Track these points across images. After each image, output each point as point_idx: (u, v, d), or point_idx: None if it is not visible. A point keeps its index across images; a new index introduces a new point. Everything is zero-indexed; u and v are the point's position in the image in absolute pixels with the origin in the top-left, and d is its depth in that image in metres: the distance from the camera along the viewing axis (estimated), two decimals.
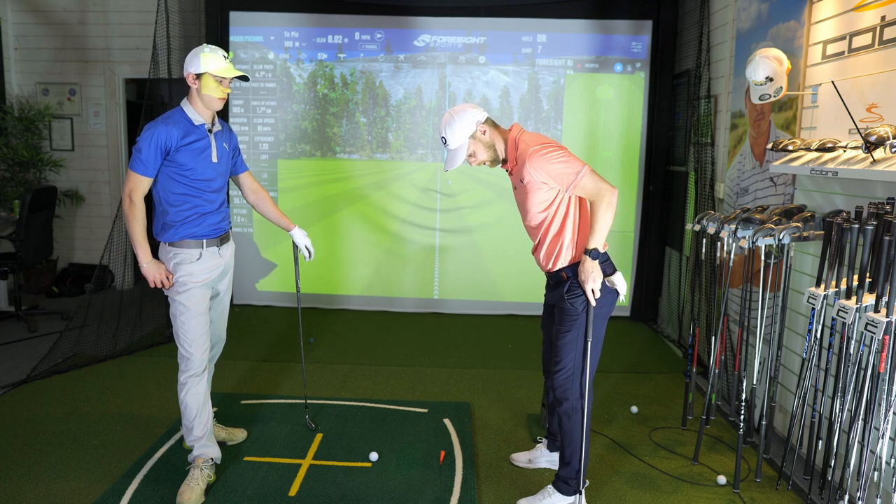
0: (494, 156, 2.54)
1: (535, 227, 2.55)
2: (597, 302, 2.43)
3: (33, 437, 3.09)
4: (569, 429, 2.53)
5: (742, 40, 3.78)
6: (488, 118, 2.52)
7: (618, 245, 5.41)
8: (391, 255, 5.59)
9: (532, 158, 2.38)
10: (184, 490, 2.57)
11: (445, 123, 2.49)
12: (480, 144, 2.50)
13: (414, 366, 4.27)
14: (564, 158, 2.39)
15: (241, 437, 3.12)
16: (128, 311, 4.77)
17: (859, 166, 2.44)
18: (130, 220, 2.59)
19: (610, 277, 2.48)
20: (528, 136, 2.48)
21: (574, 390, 2.50)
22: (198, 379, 2.67)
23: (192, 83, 2.59)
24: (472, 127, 2.47)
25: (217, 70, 2.57)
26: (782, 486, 2.81)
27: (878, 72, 2.52)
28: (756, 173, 3.56)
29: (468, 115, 2.47)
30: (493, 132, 2.52)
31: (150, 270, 2.62)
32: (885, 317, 2.12)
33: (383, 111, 5.48)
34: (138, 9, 5.71)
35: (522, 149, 2.44)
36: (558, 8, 5.26)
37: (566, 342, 2.49)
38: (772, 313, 2.92)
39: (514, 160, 2.49)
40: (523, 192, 2.50)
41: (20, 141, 5.75)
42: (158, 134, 2.52)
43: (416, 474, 2.85)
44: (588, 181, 2.37)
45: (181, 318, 2.64)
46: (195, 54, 2.58)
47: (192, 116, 2.61)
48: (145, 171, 2.55)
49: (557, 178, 2.38)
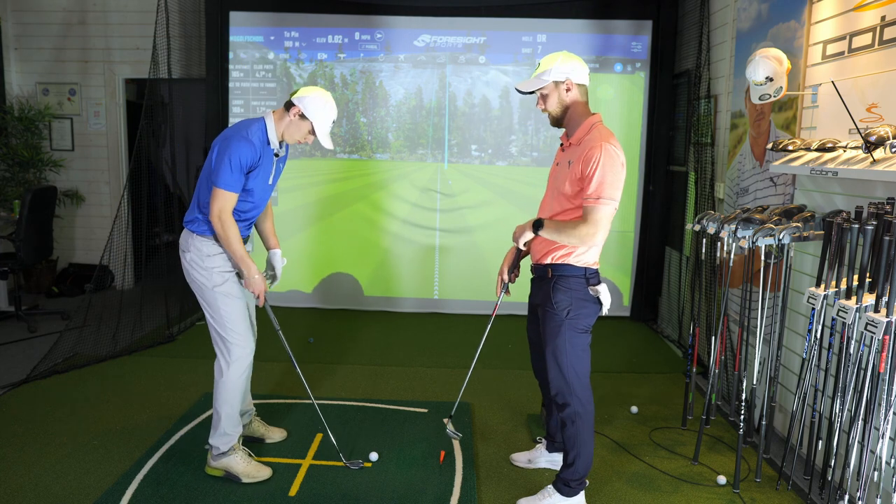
0: (559, 114, 2.49)
1: (555, 210, 2.50)
2: (578, 313, 2.44)
3: (33, 437, 3.09)
4: (572, 433, 2.50)
5: (742, 40, 3.78)
6: (585, 88, 2.48)
7: (618, 245, 5.41)
8: (391, 255, 5.59)
9: (598, 149, 2.30)
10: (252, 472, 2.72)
11: (553, 58, 2.45)
12: (556, 95, 2.45)
13: (414, 366, 4.27)
14: (617, 179, 2.33)
15: (279, 438, 3.13)
16: (128, 311, 4.77)
17: (859, 166, 2.43)
18: (231, 240, 2.58)
19: (595, 287, 2.45)
20: (609, 132, 2.42)
21: (573, 395, 2.47)
22: (245, 367, 2.71)
23: (294, 115, 2.63)
24: (563, 76, 2.42)
25: (321, 130, 2.65)
26: (782, 486, 2.81)
27: (878, 72, 2.52)
28: (756, 173, 3.56)
29: (570, 67, 2.43)
30: (577, 100, 2.46)
31: (260, 283, 2.66)
32: (885, 317, 2.12)
33: (383, 111, 5.48)
34: (138, 9, 5.71)
35: (595, 136, 2.38)
36: (558, 8, 5.26)
37: (556, 346, 2.47)
38: (772, 313, 2.92)
39: (579, 140, 2.43)
40: (564, 173, 2.45)
41: (20, 141, 5.75)
42: (250, 154, 2.56)
43: (416, 474, 2.85)
44: (605, 211, 2.32)
45: (225, 308, 2.65)
46: (323, 104, 2.62)
47: (271, 136, 2.65)
48: (237, 187, 2.57)
49: (594, 181, 2.31)
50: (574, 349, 2.46)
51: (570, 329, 2.45)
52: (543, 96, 2.47)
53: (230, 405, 2.69)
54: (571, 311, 2.44)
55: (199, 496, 2.62)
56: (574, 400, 2.47)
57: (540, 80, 2.45)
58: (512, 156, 5.47)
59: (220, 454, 2.72)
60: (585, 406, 2.49)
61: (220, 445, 2.71)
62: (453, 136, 5.47)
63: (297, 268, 5.54)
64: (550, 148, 5.43)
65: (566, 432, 2.52)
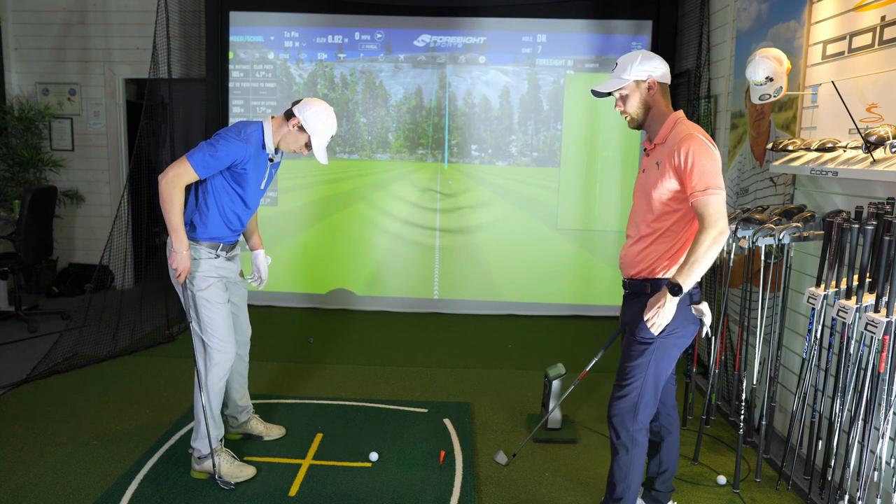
0: (641, 116, 2.28)
1: (648, 220, 2.25)
2: (676, 331, 2.18)
3: (33, 437, 3.09)
4: (626, 463, 2.26)
5: (742, 40, 3.78)
6: (667, 87, 2.28)
7: (618, 245, 5.41)
8: (391, 255, 5.59)
9: (688, 141, 2.10)
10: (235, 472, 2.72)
11: (632, 57, 2.25)
12: (639, 96, 2.25)
13: (414, 366, 4.27)
14: (715, 165, 2.10)
15: (278, 435, 3.13)
16: (128, 311, 4.77)
17: (859, 166, 2.43)
18: (173, 205, 2.50)
19: (697, 305, 2.19)
20: (693, 124, 2.22)
21: (632, 422, 2.24)
22: (225, 371, 2.71)
23: (293, 126, 2.63)
24: (646, 75, 2.22)
25: (318, 145, 2.65)
26: (782, 486, 2.81)
27: (878, 72, 2.52)
28: (756, 173, 3.56)
29: (652, 65, 2.22)
30: (659, 99, 2.26)
31: (185, 259, 2.57)
32: (885, 317, 2.12)
33: (383, 111, 5.48)
34: (138, 9, 5.70)
35: (681, 129, 2.17)
36: (558, 8, 5.26)
37: (634, 367, 2.23)
38: (772, 313, 2.92)
39: (664, 138, 2.22)
40: (654, 176, 2.22)
41: (20, 141, 5.75)
42: (238, 151, 2.55)
43: (416, 474, 2.85)
44: (717, 201, 2.05)
45: (207, 313, 2.65)
46: (324, 119, 2.62)
47: (267, 141, 2.65)
48: (204, 171, 2.54)
49: (695, 174, 2.07)
50: (656, 373, 2.22)
51: (660, 348, 2.20)
52: (623, 97, 2.27)
53: (210, 408, 2.69)
54: (668, 328, 2.16)
55: (199, 496, 2.62)
56: (632, 426, 2.26)
57: (620, 79, 2.24)
58: (512, 156, 5.47)
59: (203, 457, 2.72)
60: (644, 436, 2.28)
61: (202, 448, 2.72)
62: (453, 136, 5.47)
63: (297, 268, 5.54)
64: (550, 148, 5.43)
65: (619, 461, 2.28)
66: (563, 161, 5.44)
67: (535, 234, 5.50)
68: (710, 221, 2.04)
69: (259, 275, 3.04)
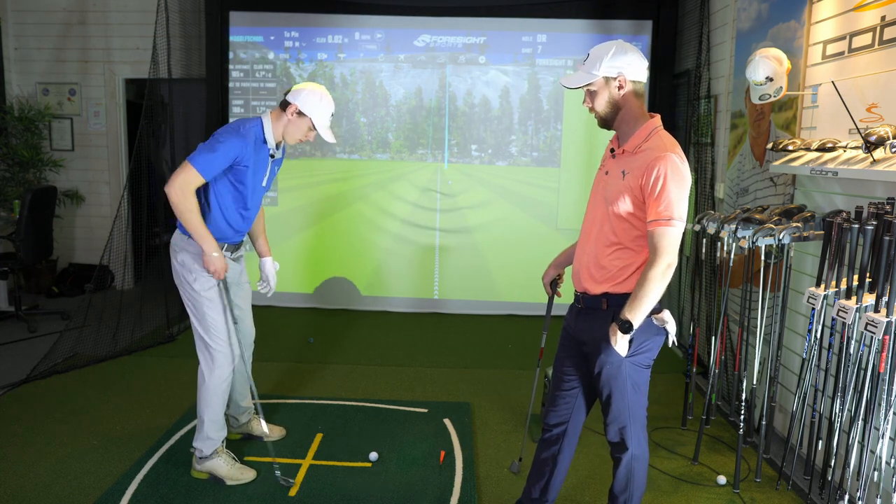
0: (609, 116, 2.11)
1: (605, 230, 2.12)
2: (642, 346, 2.08)
3: (33, 437, 3.09)
4: (624, 475, 2.18)
5: (742, 40, 3.78)
6: (641, 86, 2.09)
7: None
8: (391, 255, 5.59)
9: (662, 162, 1.94)
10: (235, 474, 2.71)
11: (605, 49, 2.05)
12: (607, 93, 2.07)
13: (414, 366, 4.27)
14: (684, 192, 1.96)
15: (278, 436, 3.13)
16: (128, 311, 4.77)
17: (859, 166, 2.44)
18: (190, 213, 2.51)
19: (658, 315, 2.06)
20: (671, 140, 2.05)
21: (632, 438, 2.15)
22: (228, 373, 2.70)
23: (292, 114, 2.64)
24: (616, 72, 2.03)
25: (320, 124, 2.65)
26: (782, 486, 2.81)
27: (878, 72, 2.52)
28: (756, 173, 3.56)
29: (624, 61, 2.02)
30: (631, 99, 2.07)
31: (219, 261, 2.58)
32: (885, 317, 2.12)
33: (383, 111, 5.48)
34: (138, 9, 5.70)
35: (656, 144, 2.00)
36: (558, 8, 5.26)
37: (614, 393, 2.12)
38: (772, 313, 2.92)
39: (636, 147, 2.04)
40: (616, 188, 2.07)
41: (20, 141, 5.75)
42: (237, 147, 2.55)
43: (416, 474, 2.85)
44: (675, 234, 1.93)
45: (211, 313, 2.65)
46: (319, 97, 2.63)
47: (267, 136, 2.66)
48: (208, 173, 2.53)
49: (662, 200, 1.93)
50: (636, 391, 2.12)
51: (631, 367, 2.09)
52: (591, 93, 2.10)
53: (213, 410, 2.69)
54: (633, 345, 2.05)
55: (199, 496, 2.62)
56: (633, 443, 2.16)
57: (588, 74, 2.06)
58: (512, 156, 5.47)
59: (204, 457, 2.72)
60: (643, 447, 2.19)
61: (204, 449, 2.72)
62: (453, 136, 5.47)
63: (297, 268, 5.54)
64: (550, 148, 5.43)
65: (619, 473, 2.19)
66: (563, 161, 5.44)
67: (536, 234, 5.50)
68: (662, 253, 1.93)
69: (268, 282, 3.03)
